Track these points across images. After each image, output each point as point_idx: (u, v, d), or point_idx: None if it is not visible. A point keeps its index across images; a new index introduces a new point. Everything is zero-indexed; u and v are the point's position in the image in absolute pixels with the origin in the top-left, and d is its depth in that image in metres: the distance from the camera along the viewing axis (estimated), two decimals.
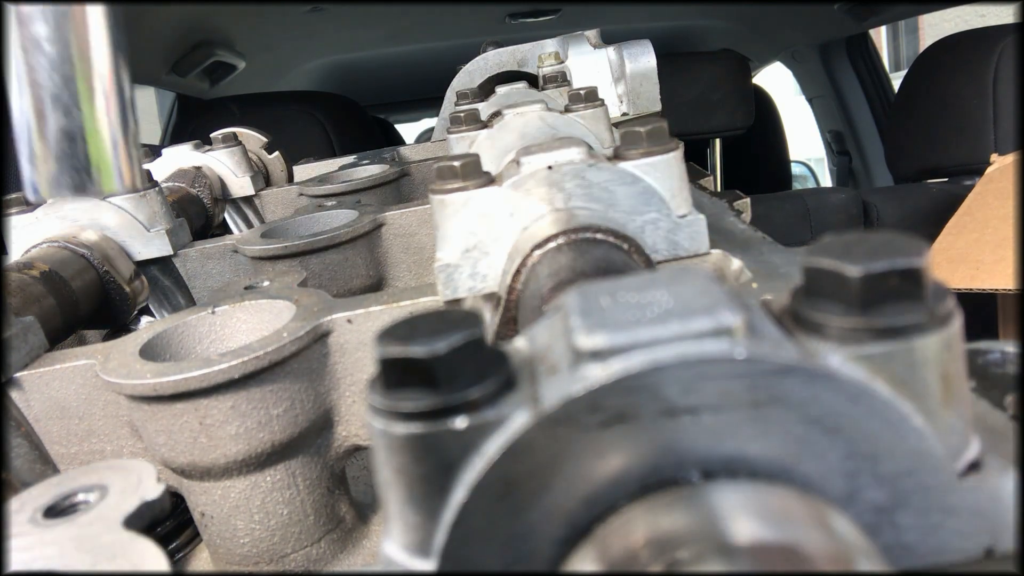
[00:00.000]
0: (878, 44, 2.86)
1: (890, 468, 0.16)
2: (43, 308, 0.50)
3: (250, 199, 0.88)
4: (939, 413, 0.16)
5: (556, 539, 0.16)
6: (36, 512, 0.24)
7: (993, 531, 0.16)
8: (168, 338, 0.41)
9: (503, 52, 0.92)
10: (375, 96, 3.04)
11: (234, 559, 0.39)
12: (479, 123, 0.64)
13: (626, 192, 0.34)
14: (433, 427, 0.16)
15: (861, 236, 0.17)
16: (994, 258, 1.10)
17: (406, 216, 0.62)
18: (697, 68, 2.24)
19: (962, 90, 1.79)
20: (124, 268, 0.61)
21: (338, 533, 0.41)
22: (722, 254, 0.37)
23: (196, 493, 0.39)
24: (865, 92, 2.70)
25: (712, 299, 0.16)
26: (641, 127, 0.34)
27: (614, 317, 0.16)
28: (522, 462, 0.15)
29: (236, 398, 0.35)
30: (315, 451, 0.40)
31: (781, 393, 0.15)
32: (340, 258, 0.58)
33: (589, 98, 0.60)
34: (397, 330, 0.16)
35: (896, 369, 0.15)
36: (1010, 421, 0.19)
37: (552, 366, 0.16)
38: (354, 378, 0.40)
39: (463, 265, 0.36)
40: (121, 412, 0.40)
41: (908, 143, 1.96)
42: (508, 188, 0.35)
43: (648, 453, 0.16)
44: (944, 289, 0.16)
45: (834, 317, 0.16)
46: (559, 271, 0.30)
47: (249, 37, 2.04)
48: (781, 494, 0.15)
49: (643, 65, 0.84)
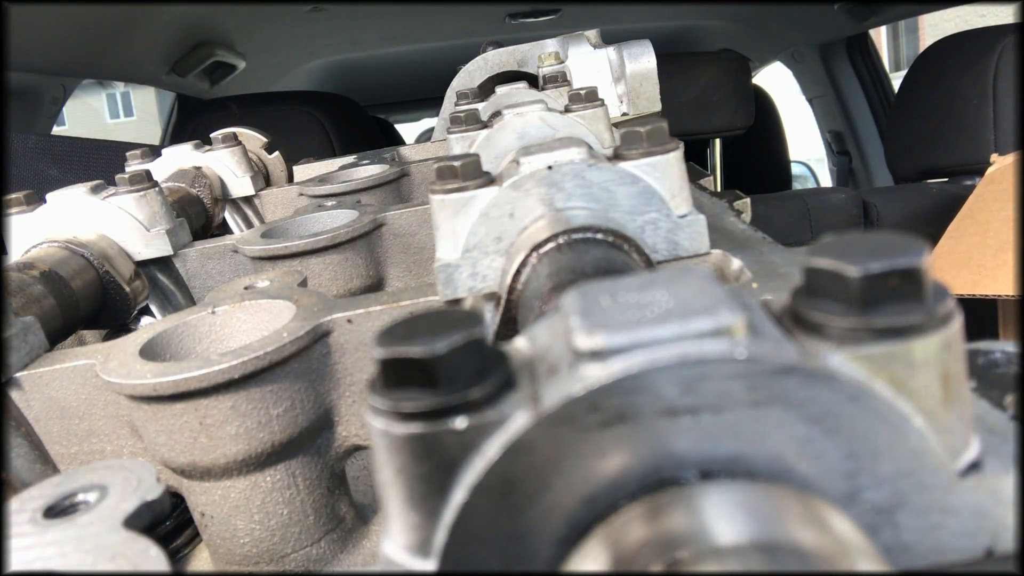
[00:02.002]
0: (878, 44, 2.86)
1: (890, 468, 0.16)
2: (43, 308, 0.50)
3: (250, 199, 0.88)
4: (939, 413, 0.16)
5: (556, 539, 0.16)
6: (36, 512, 0.24)
7: (993, 531, 0.16)
8: (168, 338, 0.41)
9: (503, 52, 0.92)
10: (375, 96, 3.04)
11: (234, 559, 0.39)
12: (479, 123, 0.64)
13: (626, 192, 0.34)
14: (433, 427, 0.16)
15: (861, 236, 0.17)
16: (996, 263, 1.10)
17: (406, 216, 0.62)
18: (697, 68, 2.24)
19: (962, 90, 1.79)
20: (124, 268, 0.61)
21: (338, 533, 0.41)
22: (722, 254, 0.37)
23: (196, 493, 0.39)
24: (865, 92, 2.70)
25: (712, 299, 0.16)
26: (641, 127, 0.34)
27: (614, 317, 0.16)
28: (522, 462, 0.15)
29: (236, 398, 0.35)
30: (315, 451, 0.40)
31: (781, 393, 0.15)
32: (340, 258, 0.58)
33: (589, 98, 0.60)
34: (397, 330, 0.16)
35: (896, 369, 0.15)
36: (1010, 421, 0.19)
37: (552, 366, 0.16)
38: (354, 378, 0.40)
39: (463, 265, 0.36)
40: (121, 412, 0.40)
41: (908, 143, 1.96)
42: (508, 188, 0.35)
43: (648, 453, 0.16)
44: (944, 289, 0.16)
45: (834, 317, 0.16)
46: (559, 271, 0.30)
47: (249, 37, 2.04)
48: (781, 494, 0.15)
49: (643, 65, 0.84)
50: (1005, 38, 1.74)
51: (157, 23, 1.62)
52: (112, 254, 0.60)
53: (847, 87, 2.72)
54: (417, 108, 3.61)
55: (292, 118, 1.95)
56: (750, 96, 2.29)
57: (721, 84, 2.24)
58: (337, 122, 2.01)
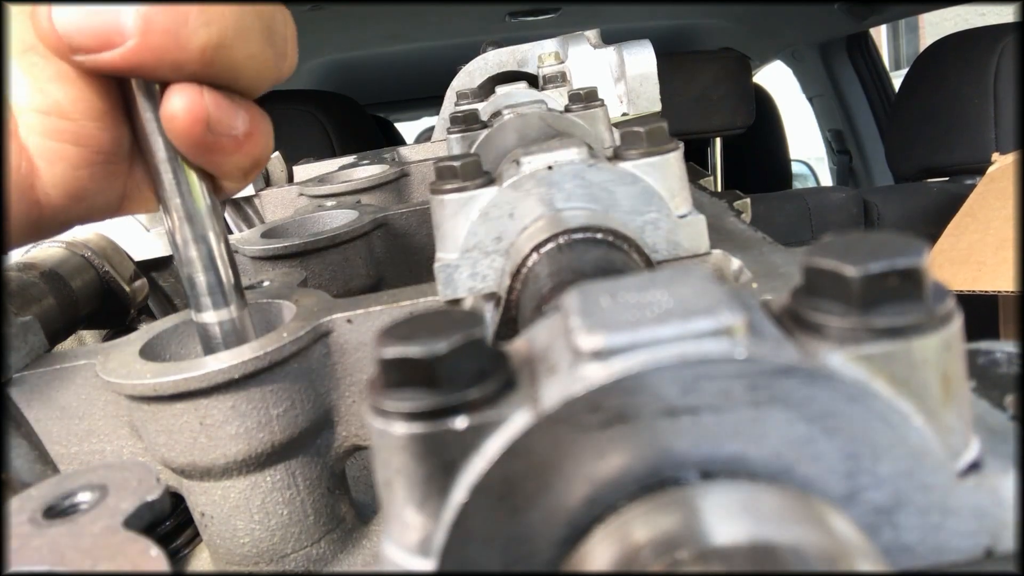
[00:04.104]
0: (878, 43, 2.86)
1: (890, 468, 0.16)
2: (43, 308, 0.50)
3: (250, 199, 0.88)
4: (939, 413, 0.16)
5: (556, 539, 0.16)
6: (36, 512, 0.24)
7: (993, 531, 0.16)
8: (168, 338, 0.41)
9: (503, 52, 0.92)
10: (375, 95, 3.03)
11: (234, 559, 0.39)
12: (479, 123, 0.64)
13: (626, 192, 0.34)
14: (433, 427, 0.16)
15: (861, 236, 0.17)
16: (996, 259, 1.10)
17: (406, 216, 0.62)
18: (697, 67, 2.24)
19: (963, 89, 1.78)
20: (124, 268, 0.61)
21: (338, 533, 0.41)
22: (722, 254, 0.37)
23: (196, 493, 0.39)
24: (865, 91, 2.70)
25: (712, 299, 0.16)
26: (641, 127, 0.34)
27: (614, 317, 0.16)
28: (522, 462, 0.15)
29: (236, 398, 0.35)
30: (315, 451, 0.40)
31: (781, 393, 0.15)
32: (340, 258, 0.58)
33: (589, 98, 0.60)
34: (397, 330, 0.16)
35: (896, 369, 0.15)
36: (1010, 421, 0.19)
37: (552, 366, 0.16)
38: (354, 378, 0.40)
39: (463, 265, 0.36)
40: (121, 412, 0.40)
41: (908, 142, 1.96)
42: (508, 188, 0.35)
43: (648, 453, 0.16)
44: (944, 289, 0.16)
45: (834, 317, 0.16)
46: (559, 271, 0.30)
47: None
48: (781, 494, 0.15)
49: (643, 65, 0.84)
50: (1006, 37, 1.74)
51: None
52: (112, 254, 0.60)
53: (847, 86, 2.72)
54: (417, 107, 3.61)
55: (291, 117, 1.95)
56: (750, 95, 2.29)
57: (721, 83, 2.24)
58: (337, 121, 2.01)
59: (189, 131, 0.30)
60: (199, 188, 0.33)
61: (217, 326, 0.36)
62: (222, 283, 0.35)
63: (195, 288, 0.35)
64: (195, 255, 0.34)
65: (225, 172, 0.33)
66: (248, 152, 0.32)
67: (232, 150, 0.31)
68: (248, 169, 0.33)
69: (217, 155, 0.31)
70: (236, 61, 0.29)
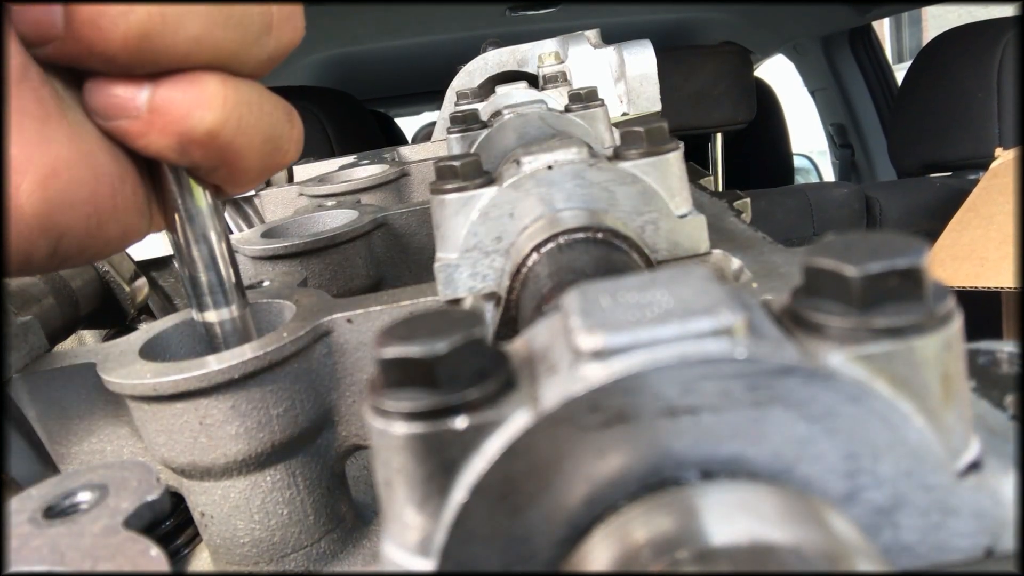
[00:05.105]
0: (881, 36, 2.85)
1: (890, 468, 0.16)
2: (43, 308, 0.50)
3: (250, 199, 0.88)
4: (939, 413, 0.16)
5: (556, 539, 0.16)
6: (36, 512, 0.24)
7: (993, 531, 0.16)
8: (168, 338, 0.41)
9: (503, 52, 0.92)
10: (374, 90, 3.03)
11: (234, 559, 0.39)
12: (479, 123, 0.64)
13: (626, 192, 0.34)
14: (433, 427, 0.16)
15: (862, 236, 0.17)
16: (998, 255, 1.10)
17: (406, 216, 0.62)
18: (698, 62, 2.24)
19: (966, 83, 1.78)
20: (124, 268, 0.61)
21: (338, 533, 0.41)
22: (722, 254, 0.37)
23: (196, 493, 0.39)
24: (868, 85, 2.69)
25: (712, 299, 0.16)
26: (641, 127, 0.34)
27: (614, 317, 0.16)
28: (522, 462, 0.15)
29: (236, 398, 0.35)
30: (315, 451, 0.40)
31: (781, 393, 0.15)
32: (340, 258, 0.58)
33: (589, 98, 0.60)
34: (397, 330, 0.16)
35: (896, 369, 0.15)
36: (1010, 421, 0.19)
37: (552, 366, 0.16)
38: (354, 378, 0.40)
39: (463, 265, 0.36)
40: (121, 412, 0.40)
41: (911, 136, 1.95)
42: (508, 188, 0.35)
43: (648, 453, 0.16)
44: (944, 289, 0.16)
45: (834, 317, 0.16)
46: (559, 271, 0.30)
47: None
48: (781, 494, 0.15)
49: (643, 65, 0.84)
50: (1010, 31, 1.73)
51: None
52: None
53: (850, 80, 2.71)
54: (417, 102, 3.60)
55: None
56: (752, 89, 2.29)
57: (722, 77, 2.24)
58: (335, 118, 2.01)
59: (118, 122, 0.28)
60: (200, 188, 0.33)
61: (219, 325, 0.36)
62: (223, 282, 0.35)
63: (197, 287, 0.35)
64: (196, 254, 0.34)
65: (220, 178, 0.32)
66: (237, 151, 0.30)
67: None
68: (257, 174, 0.32)
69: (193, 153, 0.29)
70: (174, 45, 0.27)
